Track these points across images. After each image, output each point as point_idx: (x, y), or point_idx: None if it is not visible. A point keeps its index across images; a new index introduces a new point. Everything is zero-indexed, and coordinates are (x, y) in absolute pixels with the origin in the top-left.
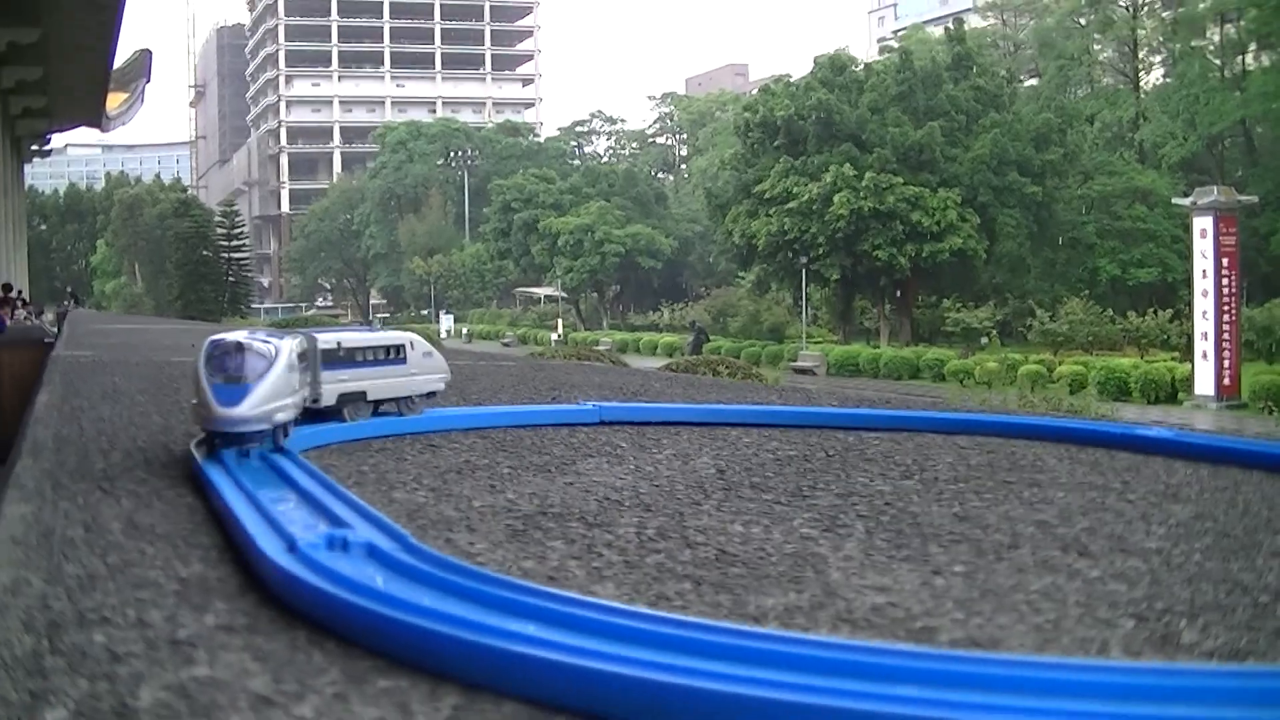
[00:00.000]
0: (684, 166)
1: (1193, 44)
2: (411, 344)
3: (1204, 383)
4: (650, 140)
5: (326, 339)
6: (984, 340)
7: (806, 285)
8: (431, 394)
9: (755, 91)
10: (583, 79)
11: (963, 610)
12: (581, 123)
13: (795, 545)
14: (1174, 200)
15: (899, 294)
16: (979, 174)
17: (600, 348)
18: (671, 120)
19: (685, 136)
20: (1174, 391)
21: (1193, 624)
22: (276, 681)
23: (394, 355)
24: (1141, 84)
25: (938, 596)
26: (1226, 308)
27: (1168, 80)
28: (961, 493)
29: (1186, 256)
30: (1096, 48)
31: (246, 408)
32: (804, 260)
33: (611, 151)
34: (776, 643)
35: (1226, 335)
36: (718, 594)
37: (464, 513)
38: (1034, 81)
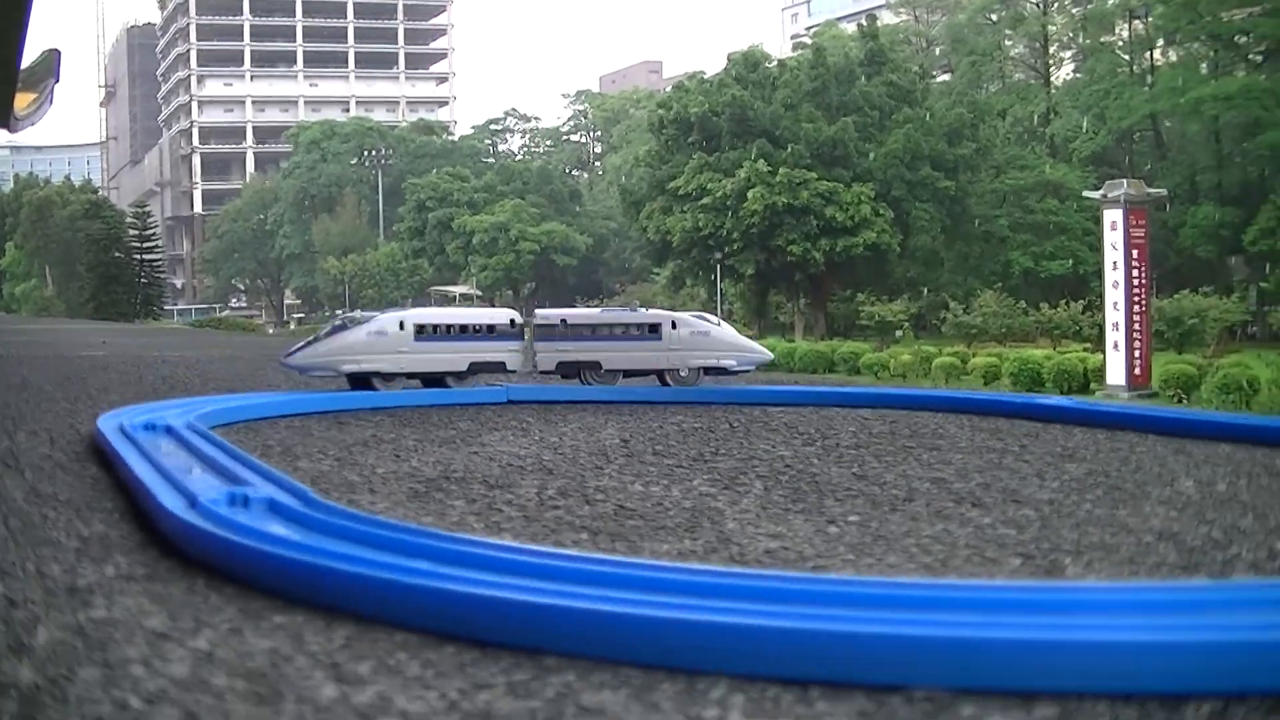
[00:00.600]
0: (598, 164)
1: (1102, 40)
2: (674, 323)
3: (1115, 373)
4: (564, 138)
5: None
6: (898, 333)
7: (721, 281)
8: (721, 370)
9: (669, 88)
10: (496, 77)
11: (854, 553)
12: (495, 121)
13: (693, 501)
14: (1085, 193)
15: (814, 288)
16: (892, 169)
17: None
18: (586, 118)
19: (600, 134)
20: (1086, 382)
21: (1077, 560)
22: (173, 620)
23: (645, 332)
24: (1052, 79)
25: (830, 542)
26: (1137, 299)
27: (1078, 76)
28: (861, 456)
29: (1097, 249)
30: (1008, 44)
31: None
32: (719, 256)
33: (526, 149)
34: (639, 569)
35: (1137, 326)
36: (614, 542)
37: (367, 478)
38: (946, 77)
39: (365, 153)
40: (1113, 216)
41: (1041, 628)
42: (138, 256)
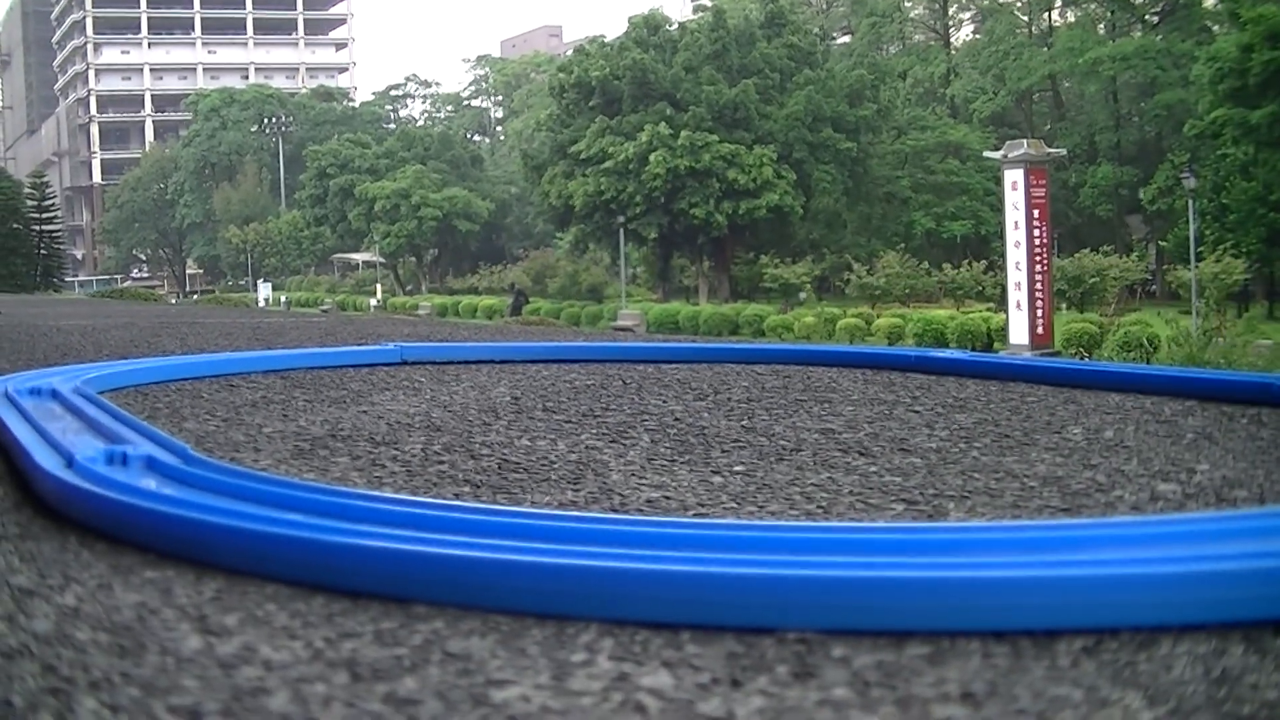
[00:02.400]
0: (500, 129)
1: (1000, 1)
2: None
3: (1018, 332)
4: (465, 103)
5: None
6: (802, 295)
7: (625, 245)
8: None
9: (570, 52)
10: (396, 42)
11: (736, 502)
12: (396, 86)
13: (579, 454)
14: (985, 154)
15: (717, 251)
16: (794, 131)
17: (420, 312)
18: (487, 83)
19: (501, 99)
20: (990, 341)
21: (960, 505)
22: (41, 577)
23: None
24: (952, 41)
25: (713, 491)
26: (1038, 259)
27: (977, 37)
28: (752, 409)
29: (998, 209)
30: (907, 5)
31: None
32: (621, 220)
33: (427, 115)
34: (512, 517)
35: (1039, 285)
36: (495, 495)
37: (252, 437)
38: (846, 39)
39: (265, 120)
40: (1013, 176)
41: (913, 567)
42: (36, 228)
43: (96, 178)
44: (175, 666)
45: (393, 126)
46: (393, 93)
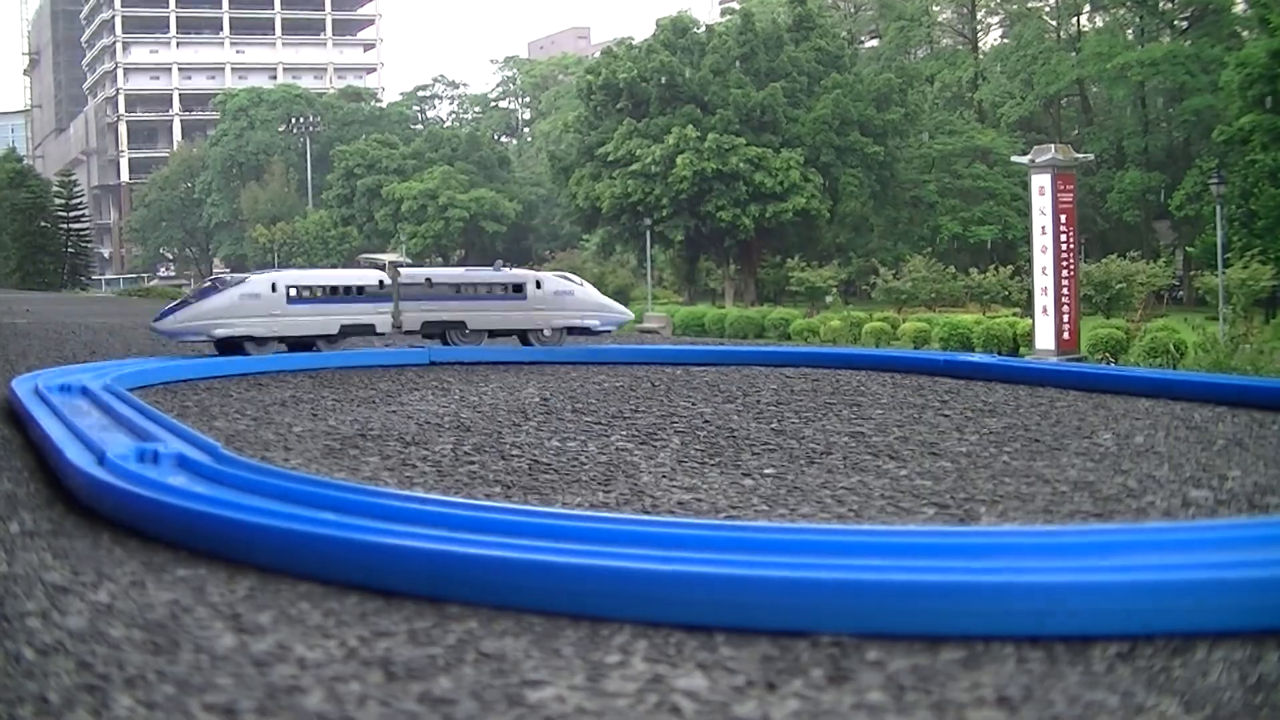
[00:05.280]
0: (527, 130)
1: (1029, 5)
2: (538, 283)
3: (1044, 337)
4: (493, 104)
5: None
6: (828, 299)
7: (651, 247)
8: (585, 330)
9: (598, 54)
10: (425, 43)
11: (767, 504)
12: (424, 87)
13: (609, 456)
14: (1013, 158)
15: (743, 255)
16: (821, 134)
17: None
18: (514, 84)
19: (528, 100)
20: (1016, 346)
21: (992, 509)
22: (75, 574)
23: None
24: (980, 45)
25: (744, 494)
26: (1065, 264)
27: (1005, 41)
28: (781, 412)
29: (1025, 214)
30: (935, 9)
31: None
32: (648, 222)
33: (454, 116)
34: (545, 518)
35: (1065, 291)
36: (526, 495)
37: (282, 436)
38: (874, 43)
39: (293, 120)
40: (1040, 181)
41: (947, 570)
42: (64, 226)
43: (124, 176)
44: (210, 664)
45: (420, 127)
46: (420, 93)
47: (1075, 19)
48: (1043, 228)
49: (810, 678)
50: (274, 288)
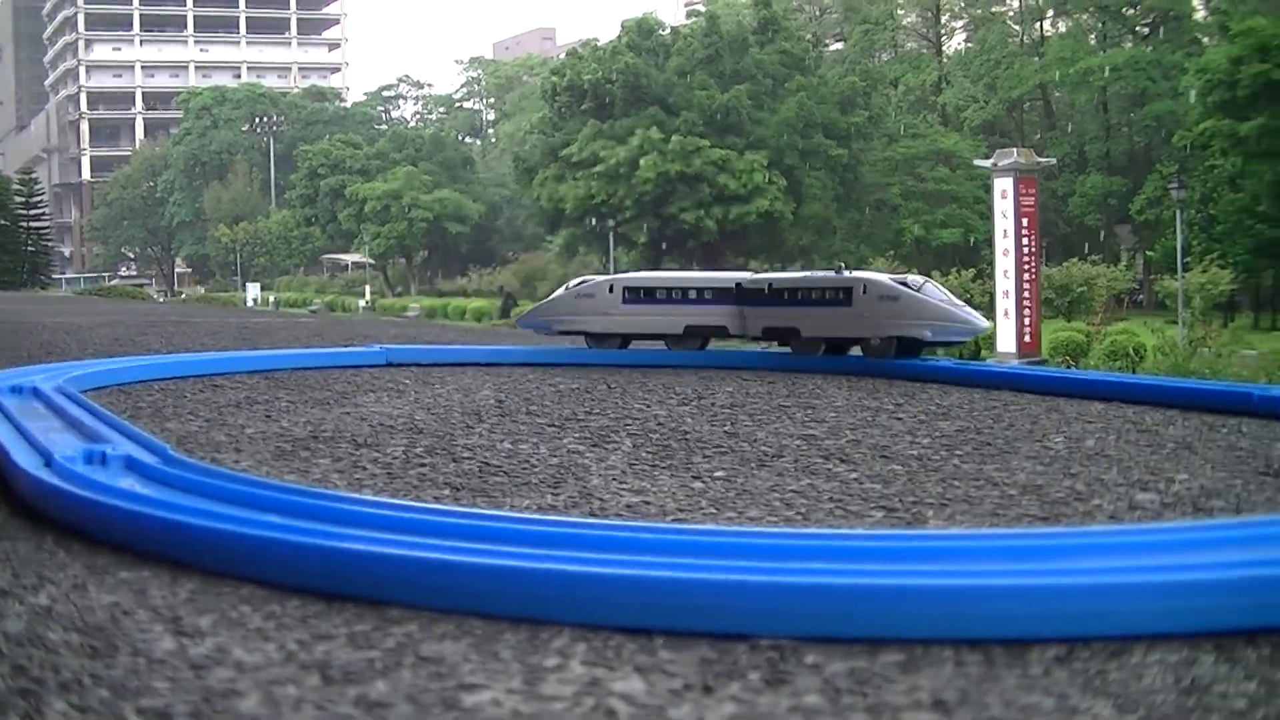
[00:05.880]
0: (491, 131)
1: (993, 10)
2: (865, 287)
3: (1006, 340)
4: (457, 105)
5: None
6: None
7: (615, 249)
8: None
9: (562, 55)
10: (389, 43)
11: (715, 507)
12: (388, 87)
13: (561, 458)
14: (975, 162)
15: (707, 256)
16: (785, 137)
17: (409, 314)
18: (479, 85)
19: (493, 101)
20: (978, 349)
21: (940, 512)
22: (15, 577)
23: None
24: (944, 49)
25: (693, 496)
26: (1027, 267)
27: (969, 45)
28: (735, 415)
29: (988, 217)
30: (900, 13)
31: None
32: (612, 224)
33: (419, 116)
34: (490, 521)
35: (1027, 294)
36: (475, 498)
37: (234, 438)
38: (839, 46)
39: (257, 119)
40: (1003, 185)
41: (887, 574)
42: (24, 224)
43: (86, 175)
44: (147, 668)
45: (384, 127)
46: (385, 94)
47: (1039, 24)
48: (1005, 231)
49: (748, 681)
50: (610, 289)
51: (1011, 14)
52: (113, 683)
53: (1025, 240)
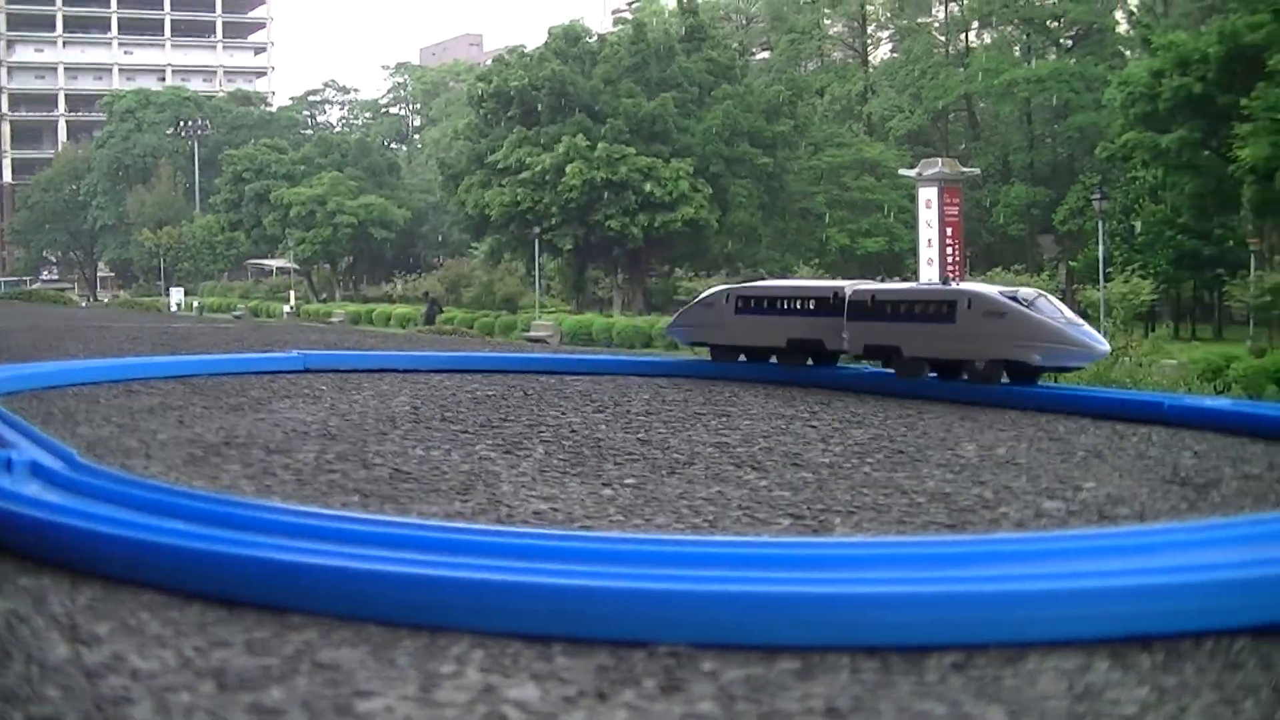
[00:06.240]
0: (417, 137)
1: (919, 21)
2: (969, 301)
3: None
4: (384, 110)
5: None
6: None
7: (540, 255)
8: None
9: (489, 62)
10: (316, 48)
11: (624, 514)
12: (314, 92)
13: (472, 465)
14: (901, 171)
15: (632, 264)
16: (711, 145)
17: (333, 320)
18: (405, 90)
19: (419, 106)
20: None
21: (847, 520)
22: None
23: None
24: (870, 59)
25: (602, 504)
26: (951, 276)
27: (895, 56)
28: (650, 422)
29: (913, 226)
30: (827, 22)
31: None
32: (537, 230)
33: (344, 121)
34: (393, 527)
35: None
36: (384, 504)
37: (145, 443)
38: (766, 55)
39: (181, 123)
40: (927, 194)
41: (784, 581)
42: None
43: (7, 178)
44: (39, 675)
45: (310, 132)
46: (311, 98)
47: (964, 35)
48: (929, 240)
49: (643, 688)
50: (726, 298)
51: (937, 25)
52: (3, 690)
53: (949, 249)
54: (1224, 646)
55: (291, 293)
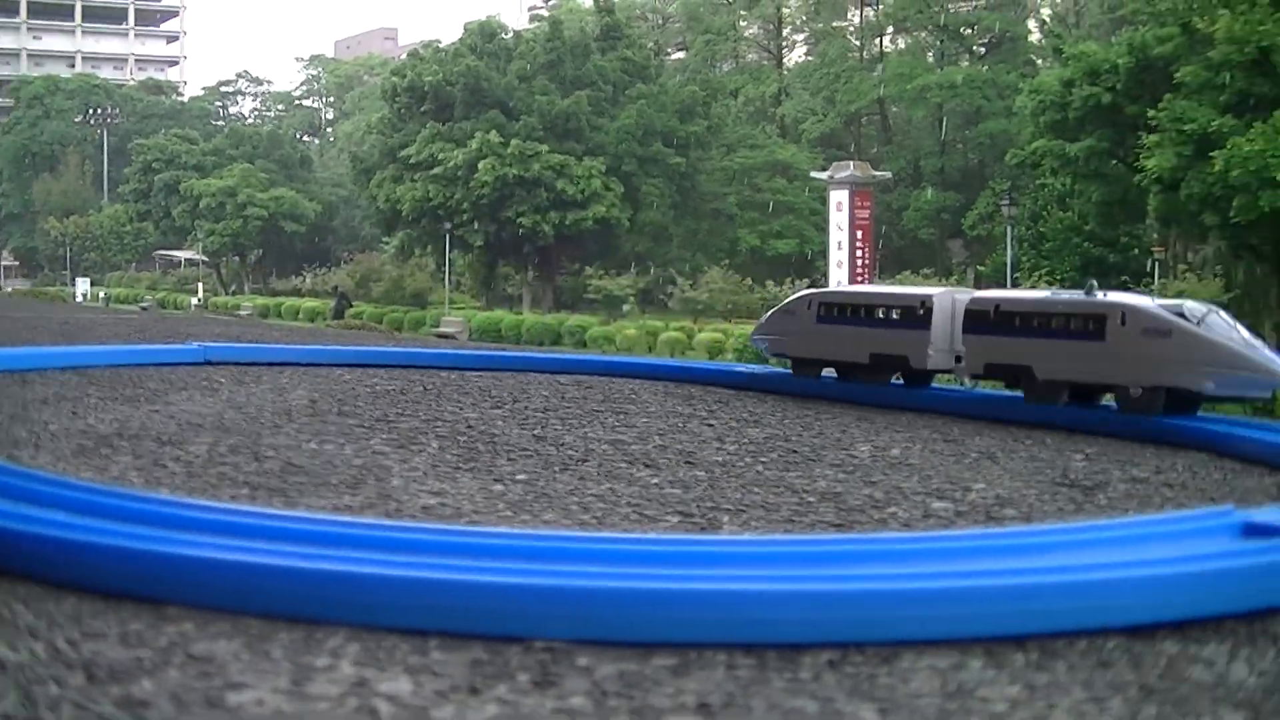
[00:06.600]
0: (330, 130)
1: (834, 25)
2: (1123, 317)
3: None
4: (297, 103)
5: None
6: (625, 307)
7: (450, 251)
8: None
9: (404, 56)
10: (229, 38)
11: (512, 510)
12: (227, 83)
13: (365, 459)
14: (813, 174)
15: (542, 261)
16: (624, 144)
17: (241, 313)
18: (319, 83)
19: (332, 100)
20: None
21: (736, 518)
22: None
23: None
24: (784, 61)
25: (491, 499)
26: (860, 278)
27: (810, 59)
28: (547, 419)
29: (823, 228)
30: (743, 24)
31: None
32: (448, 226)
33: (257, 113)
34: (273, 520)
35: None
36: (272, 497)
37: (35, 434)
38: (681, 55)
39: (91, 111)
40: (839, 197)
41: (662, 578)
42: None
43: None
44: None
45: (222, 123)
46: (223, 89)
47: (878, 40)
48: (839, 243)
49: (516, 682)
50: (809, 304)
51: (852, 29)
52: None
53: (859, 252)
54: (1097, 645)
55: (200, 285)
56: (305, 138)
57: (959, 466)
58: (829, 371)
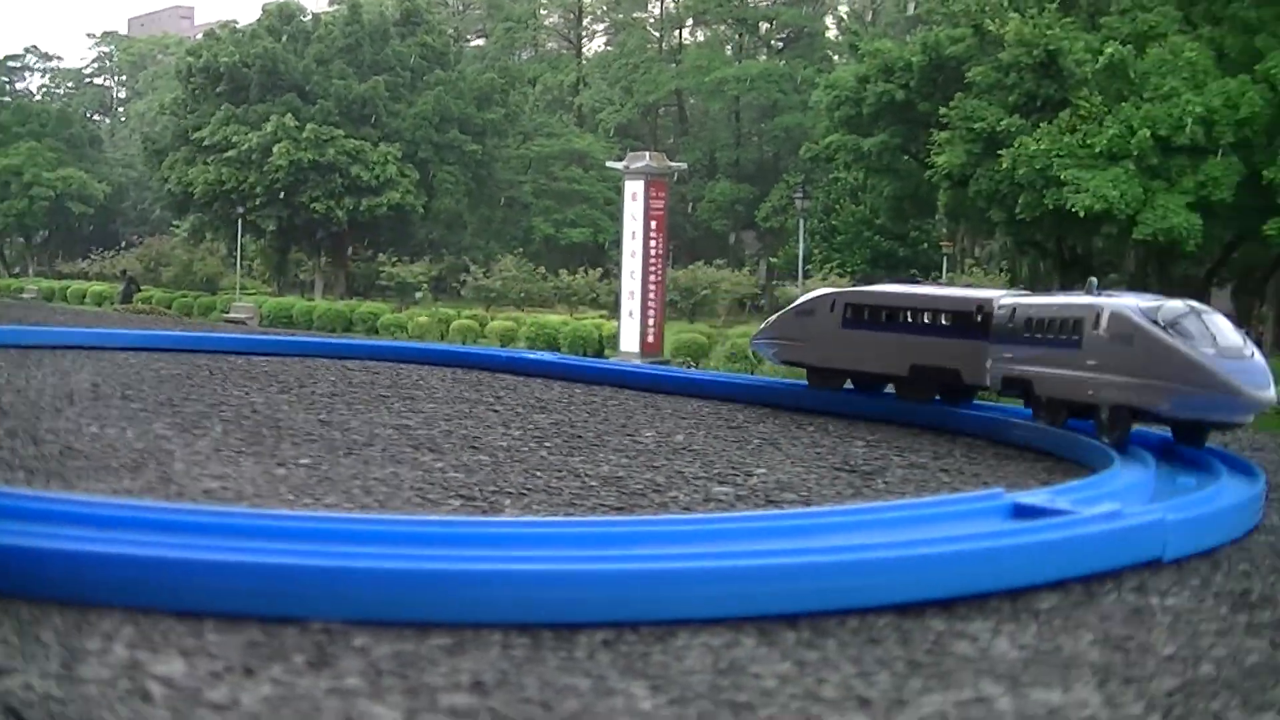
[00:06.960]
0: (122, 110)
1: (634, 15)
2: (1098, 318)
3: (629, 339)
4: (88, 81)
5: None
6: (418, 295)
7: (243, 236)
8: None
9: (200, 36)
10: (16, 10)
11: (295, 493)
12: (14, 58)
13: (146, 443)
14: (608, 164)
15: (335, 247)
16: (421, 130)
17: (25, 295)
18: (111, 61)
19: (125, 79)
20: (601, 348)
21: (518, 501)
22: None
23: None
24: (584, 51)
25: (274, 483)
26: (653, 269)
27: (609, 49)
28: (333, 404)
29: (618, 218)
30: (543, 12)
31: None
32: (241, 210)
33: (45, 90)
34: (42, 502)
35: (652, 295)
36: (49, 481)
37: None
38: (481, 42)
39: None
40: (633, 188)
41: (441, 559)
42: None
43: None
44: None
45: (8, 100)
46: (10, 64)
47: (678, 32)
48: (633, 233)
49: (291, 663)
50: (832, 305)
51: (652, 20)
52: None
53: (653, 242)
54: (868, 623)
55: None
56: (96, 117)
57: (742, 452)
58: (817, 371)
